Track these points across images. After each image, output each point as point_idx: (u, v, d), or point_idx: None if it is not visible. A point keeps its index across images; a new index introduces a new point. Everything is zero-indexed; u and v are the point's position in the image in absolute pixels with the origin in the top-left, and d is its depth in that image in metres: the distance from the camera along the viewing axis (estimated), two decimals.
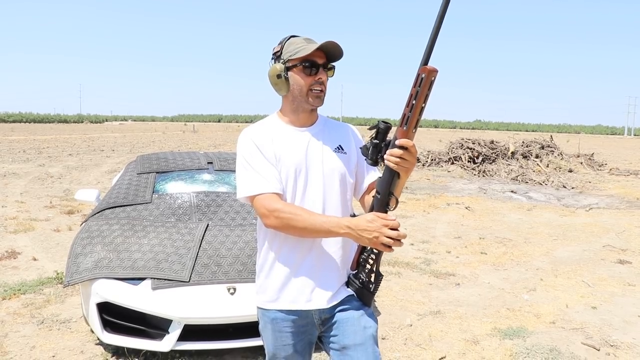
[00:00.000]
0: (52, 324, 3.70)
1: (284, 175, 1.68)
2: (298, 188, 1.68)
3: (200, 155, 4.86)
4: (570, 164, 16.13)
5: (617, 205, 9.92)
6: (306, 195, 1.69)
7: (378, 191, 1.58)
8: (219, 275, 3.16)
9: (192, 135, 40.16)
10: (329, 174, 1.71)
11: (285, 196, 1.68)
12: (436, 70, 1.40)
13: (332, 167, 1.72)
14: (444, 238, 6.86)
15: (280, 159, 1.69)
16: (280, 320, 1.73)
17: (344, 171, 1.74)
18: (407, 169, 1.50)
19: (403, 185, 1.57)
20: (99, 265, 3.18)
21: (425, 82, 1.39)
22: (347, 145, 1.78)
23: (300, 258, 1.70)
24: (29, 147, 21.91)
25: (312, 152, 1.72)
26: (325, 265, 1.71)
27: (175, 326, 2.99)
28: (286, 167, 1.68)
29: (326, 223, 1.56)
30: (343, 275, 1.75)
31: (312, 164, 1.70)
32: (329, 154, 1.73)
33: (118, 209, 3.85)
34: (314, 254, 1.70)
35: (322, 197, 1.70)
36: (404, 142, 1.46)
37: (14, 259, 5.30)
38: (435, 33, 1.40)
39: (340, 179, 1.73)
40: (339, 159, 1.74)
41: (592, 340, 3.68)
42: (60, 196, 9.34)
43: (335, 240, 1.71)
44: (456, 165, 15.80)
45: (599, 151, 23.08)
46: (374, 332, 1.73)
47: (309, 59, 1.65)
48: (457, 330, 3.83)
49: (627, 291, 4.80)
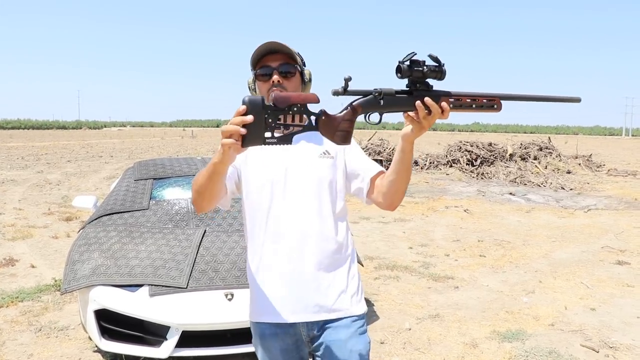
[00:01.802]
0: (50, 331, 3.69)
1: (258, 184, 1.62)
2: (275, 197, 1.61)
3: (197, 160, 4.86)
4: (568, 165, 16.14)
5: (615, 206, 9.93)
6: (284, 205, 1.60)
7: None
8: (217, 281, 3.15)
9: (190, 140, 40.19)
10: (310, 182, 1.61)
11: (262, 205, 1.62)
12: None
13: (315, 174, 1.62)
14: (442, 241, 6.86)
15: (255, 166, 1.64)
16: (268, 336, 1.65)
17: (330, 177, 1.64)
18: (420, 127, 1.37)
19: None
20: (96, 272, 3.18)
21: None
22: (333, 150, 1.67)
23: (283, 264, 1.61)
24: (28, 153, 21.90)
25: (291, 159, 1.63)
26: (312, 272, 1.61)
27: (173, 332, 2.99)
28: (261, 175, 1.62)
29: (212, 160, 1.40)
30: (334, 286, 1.64)
31: (291, 172, 1.61)
32: (311, 160, 1.63)
33: (115, 216, 3.85)
34: (298, 260, 1.61)
35: (302, 205, 1.60)
36: (444, 105, 1.34)
37: (12, 266, 5.29)
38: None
39: (326, 186, 1.63)
40: (323, 165, 1.64)
41: (591, 342, 3.67)
42: (58, 203, 9.33)
43: (323, 247, 1.61)
44: (454, 168, 15.80)
45: (597, 152, 23.09)
46: (365, 352, 1.64)
47: (261, 65, 1.63)
48: (456, 334, 3.82)
49: (626, 292, 4.80)
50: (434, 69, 1.32)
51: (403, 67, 1.30)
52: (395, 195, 1.56)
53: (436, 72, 1.32)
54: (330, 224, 1.63)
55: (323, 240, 1.62)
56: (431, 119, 1.34)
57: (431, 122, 1.35)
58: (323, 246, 1.62)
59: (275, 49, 1.62)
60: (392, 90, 1.34)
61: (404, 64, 1.30)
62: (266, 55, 1.63)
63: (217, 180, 1.41)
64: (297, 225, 1.61)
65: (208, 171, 1.40)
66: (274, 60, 1.63)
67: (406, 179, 1.52)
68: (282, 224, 1.61)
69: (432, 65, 1.31)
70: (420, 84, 1.34)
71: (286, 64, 1.64)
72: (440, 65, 1.32)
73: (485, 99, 1.37)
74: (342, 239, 1.66)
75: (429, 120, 1.34)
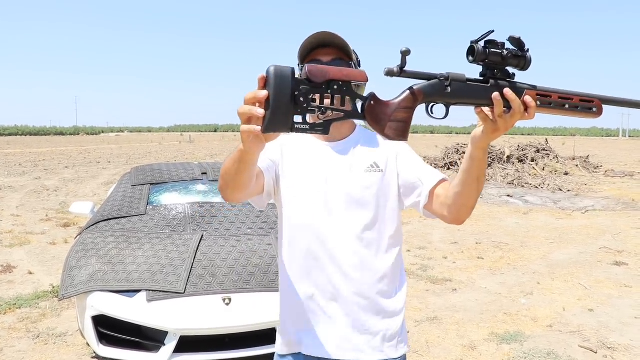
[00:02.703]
0: (48, 338, 3.69)
1: (293, 192, 1.43)
2: (316, 213, 1.41)
3: (195, 165, 4.86)
4: (565, 167, 16.18)
5: (613, 207, 9.95)
6: (326, 223, 1.40)
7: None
8: (214, 286, 3.15)
9: (188, 145, 40.19)
10: (352, 200, 1.40)
11: (298, 218, 1.42)
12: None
13: (359, 192, 1.40)
14: (440, 244, 6.87)
15: (290, 167, 1.44)
16: None
17: (379, 195, 1.41)
18: (495, 128, 1.08)
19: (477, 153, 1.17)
20: (94, 278, 3.17)
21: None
22: (383, 161, 1.45)
23: (318, 296, 1.40)
24: (25, 160, 21.87)
25: (333, 171, 1.41)
26: (351, 306, 1.39)
27: (171, 338, 2.98)
28: (296, 181, 1.43)
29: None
30: (376, 325, 1.42)
31: (332, 185, 1.40)
32: (356, 173, 1.41)
33: (113, 221, 3.85)
34: (335, 292, 1.39)
35: (342, 227, 1.39)
36: (528, 100, 1.07)
37: (9, 273, 5.28)
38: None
39: (371, 207, 1.41)
40: (371, 180, 1.41)
41: (590, 343, 3.68)
42: (56, 209, 9.32)
43: (366, 279, 1.39)
44: (452, 171, 15.83)
45: (594, 153, 23.18)
46: None
47: (310, 59, 1.38)
48: (455, 336, 3.82)
49: (623, 293, 4.81)
50: (516, 53, 1.06)
51: (477, 47, 1.04)
52: (462, 209, 1.29)
53: (519, 57, 1.06)
54: (373, 252, 1.41)
55: (365, 270, 1.40)
56: (510, 118, 1.06)
57: (510, 123, 1.07)
58: (366, 278, 1.40)
59: (328, 42, 1.37)
60: (463, 76, 1.07)
61: (478, 44, 1.04)
62: (317, 48, 1.38)
63: (243, 169, 1.17)
64: (337, 251, 1.39)
65: (234, 156, 1.17)
66: (325, 55, 1.37)
67: (476, 192, 1.25)
68: (319, 246, 1.40)
69: (513, 50, 1.06)
70: (499, 71, 1.08)
71: (339, 60, 1.38)
72: (524, 49, 1.06)
73: (581, 100, 1.12)
74: (388, 270, 1.43)
75: (507, 121, 1.07)
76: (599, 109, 1.14)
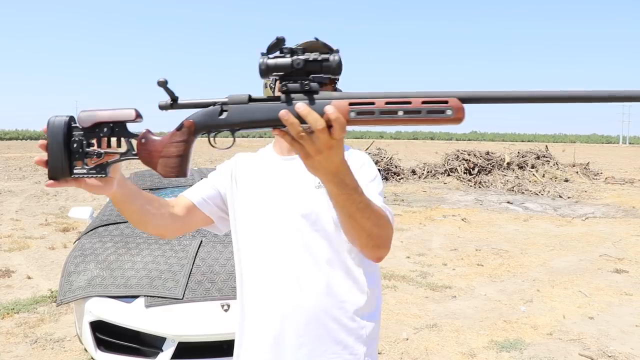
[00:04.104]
0: (46, 343, 3.67)
1: (242, 217, 1.36)
2: (261, 236, 1.32)
3: (193, 171, 4.86)
4: (566, 174, 16.18)
5: (613, 214, 9.94)
6: (272, 246, 1.31)
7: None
8: (213, 292, 3.14)
9: None
10: (301, 220, 1.29)
11: (251, 237, 1.35)
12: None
13: (306, 210, 1.28)
14: (440, 250, 6.85)
15: (242, 194, 1.37)
16: None
17: (328, 214, 1.27)
18: (306, 154, 0.87)
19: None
20: (92, 284, 3.16)
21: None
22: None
23: (267, 327, 1.31)
24: (25, 164, 21.86)
25: (287, 187, 1.32)
26: (307, 339, 1.28)
27: (169, 344, 2.97)
28: (246, 206, 1.35)
29: None
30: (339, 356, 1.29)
31: (285, 203, 1.31)
32: (305, 191, 1.30)
33: (111, 227, 3.84)
34: (282, 324, 1.29)
35: (291, 249, 1.29)
36: (329, 112, 0.83)
37: (8, 278, 5.27)
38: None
39: (321, 226, 1.28)
40: (320, 198, 1.26)
41: (590, 351, 3.66)
42: (55, 213, 9.31)
43: (321, 304, 1.27)
44: (452, 177, 15.84)
45: (594, 160, 23.17)
46: None
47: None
48: (454, 344, 3.81)
49: (624, 301, 4.79)
50: (315, 58, 0.88)
51: (261, 62, 0.89)
52: (360, 249, 1.12)
53: (317, 61, 0.88)
54: (326, 275, 1.28)
55: (322, 295, 1.28)
56: (316, 139, 0.84)
57: (319, 146, 0.84)
58: (322, 304, 1.28)
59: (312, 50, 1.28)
60: (245, 96, 0.92)
61: (264, 59, 0.89)
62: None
63: (122, 210, 1.18)
64: (284, 276, 1.29)
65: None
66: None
67: (357, 230, 1.03)
68: (267, 271, 1.32)
69: (311, 55, 0.88)
70: (303, 83, 0.88)
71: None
72: (331, 51, 0.89)
73: (425, 102, 0.84)
74: (349, 296, 1.29)
75: (314, 143, 0.84)
76: (457, 111, 0.84)
